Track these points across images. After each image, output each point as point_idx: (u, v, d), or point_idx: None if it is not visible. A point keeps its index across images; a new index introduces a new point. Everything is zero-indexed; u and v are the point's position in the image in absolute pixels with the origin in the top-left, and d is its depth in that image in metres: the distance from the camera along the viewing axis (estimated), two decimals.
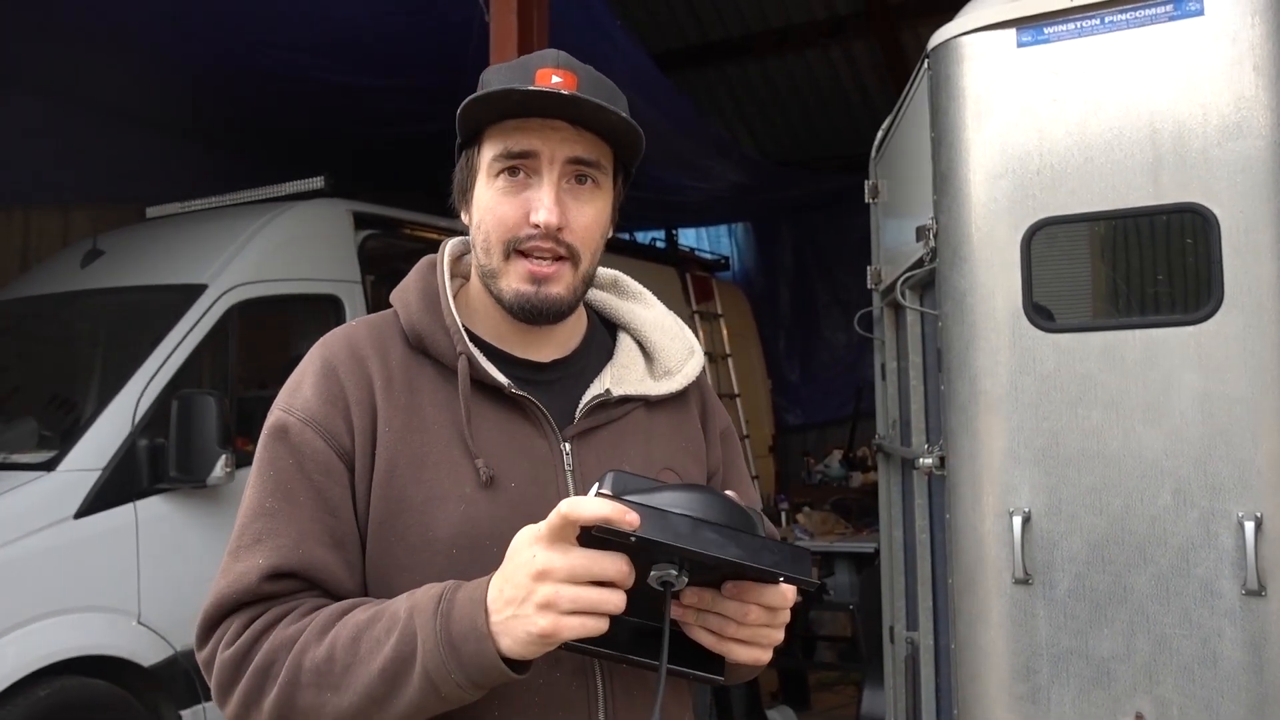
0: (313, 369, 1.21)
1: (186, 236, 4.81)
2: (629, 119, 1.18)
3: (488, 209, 1.20)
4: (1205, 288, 2.41)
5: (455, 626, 1.00)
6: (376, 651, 1.03)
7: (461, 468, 1.17)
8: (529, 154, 1.18)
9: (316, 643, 1.06)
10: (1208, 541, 2.35)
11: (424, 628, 1.02)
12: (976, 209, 2.61)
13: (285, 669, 1.06)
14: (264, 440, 1.19)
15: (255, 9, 4.74)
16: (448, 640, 1.00)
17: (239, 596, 1.11)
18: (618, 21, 5.38)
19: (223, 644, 1.10)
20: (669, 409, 1.33)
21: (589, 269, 1.24)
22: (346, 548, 1.15)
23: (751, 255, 10.96)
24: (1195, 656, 2.36)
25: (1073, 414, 2.48)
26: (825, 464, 8.56)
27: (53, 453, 3.86)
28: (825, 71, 9.66)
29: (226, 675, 1.09)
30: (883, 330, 4.00)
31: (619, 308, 1.39)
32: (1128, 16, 2.48)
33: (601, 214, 1.23)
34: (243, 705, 1.09)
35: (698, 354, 1.38)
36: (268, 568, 1.11)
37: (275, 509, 1.14)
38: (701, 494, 1.00)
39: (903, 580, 3.72)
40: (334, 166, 5.08)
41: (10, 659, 3.42)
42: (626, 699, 1.17)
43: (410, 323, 1.24)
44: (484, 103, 1.17)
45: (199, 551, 3.95)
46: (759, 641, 1.05)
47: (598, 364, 1.31)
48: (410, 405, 1.19)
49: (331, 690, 1.04)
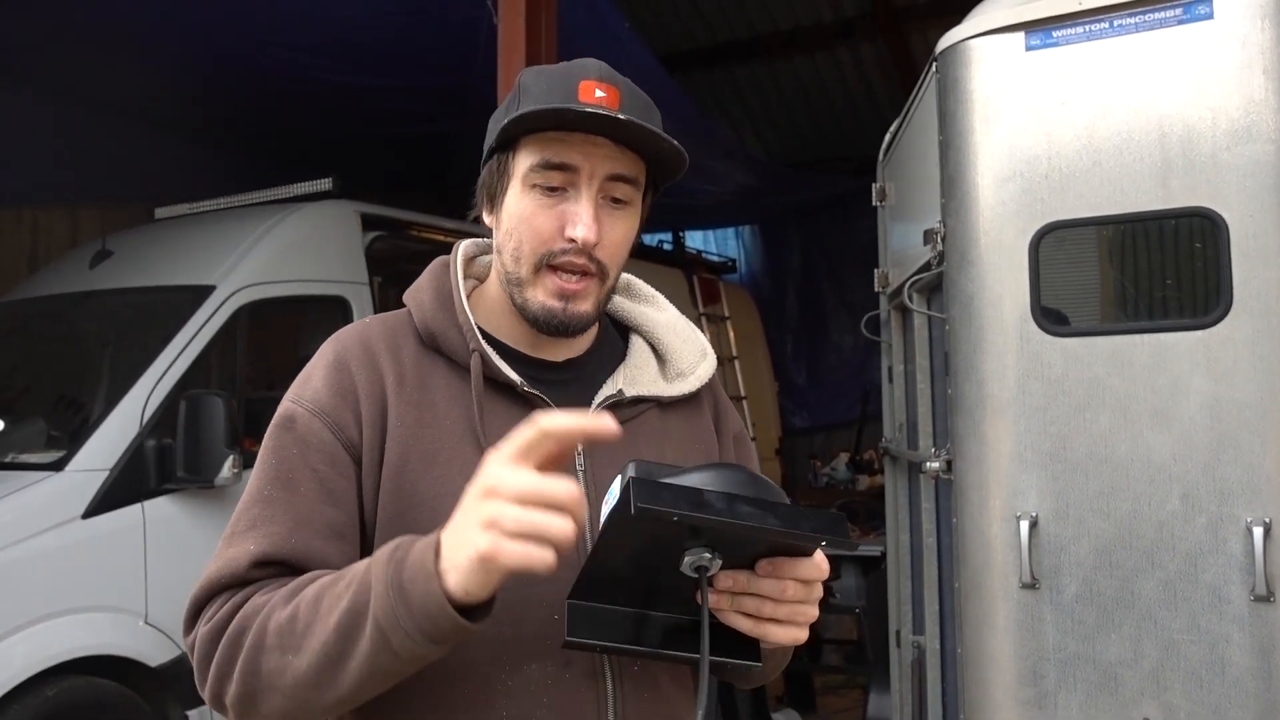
0: (324, 362, 1.22)
1: (195, 237, 4.83)
2: (676, 144, 1.17)
3: (522, 219, 1.19)
4: (1214, 292, 2.40)
5: (407, 570, 0.95)
6: (335, 607, 0.99)
7: (473, 464, 1.15)
8: (569, 167, 1.17)
9: (283, 606, 1.03)
10: (1216, 547, 2.35)
11: (378, 575, 0.97)
12: (984, 212, 2.61)
13: (252, 634, 1.04)
14: (271, 429, 1.19)
15: (259, 10, 4.76)
16: (397, 583, 0.95)
17: (226, 581, 1.10)
18: (626, 24, 5.39)
19: (202, 621, 1.09)
20: (682, 411, 1.33)
21: (614, 284, 1.24)
22: (345, 539, 1.14)
23: (758, 258, 10.96)
24: (1203, 662, 2.35)
25: (1080, 418, 2.48)
26: (832, 467, 8.56)
27: (61, 453, 3.88)
28: (833, 74, 9.65)
29: (204, 650, 1.08)
30: (890, 333, 4.00)
31: (631, 310, 1.39)
32: (1136, 20, 2.48)
33: (632, 230, 1.24)
34: (217, 679, 1.06)
35: (710, 357, 1.37)
36: (258, 554, 1.10)
37: (273, 496, 1.13)
38: (728, 470, 0.99)
39: (909, 584, 3.72)
40: (341, 168, 5.09)
41: (19, 658, 3.43)
42: (637, 702, 1.17)
43: (423, 320, 1.24)
44: (533, 120, 1.15)
45: (206, 552, 3.90)
46: (796, 619, 1.04)
47: (610, 365, 1.31)
48: (422, 402, 1.19)
49: (293, 652, 1.01)
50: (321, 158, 5.79)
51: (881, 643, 4.35)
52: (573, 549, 0.94)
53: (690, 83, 8.90)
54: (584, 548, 1.12)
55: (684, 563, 0.96)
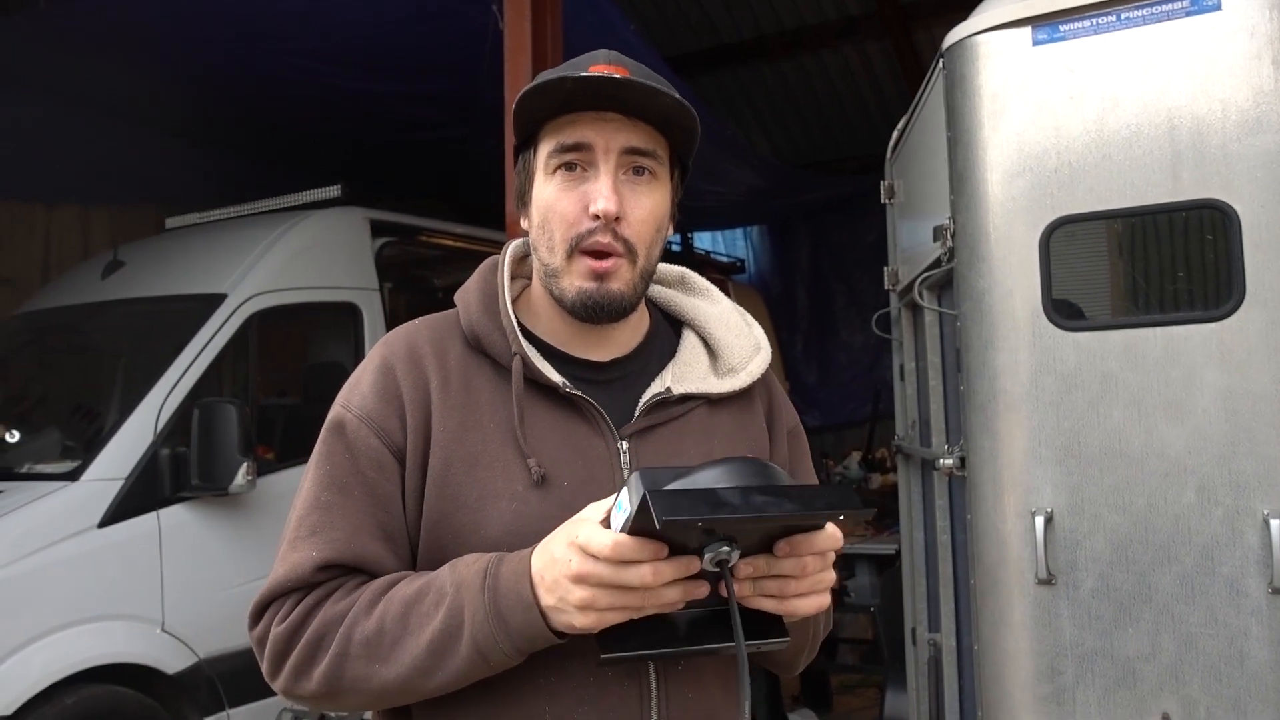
0: (372, 366, 1.24)
1: (205, 246, 4.85)
2: (680, 99, 1.17)
3: (548, 206, 1.20)
4: (1226, 284, 2.39)
5: (503, 600, 1.05)
6: (424, 625, 1.08)
7: (514, 467, 1.18)
8: (583, 146, 1.18)
9: (365, 616, 1.11)
10: (1233, 540, 2.33)
11: (471, 601, 1.06)
12: (994, 208, 2.60)
13: (335, 642, 1.11)
14: (323, 434, 1.22)
15: (268, 18, 4.78)
16: (496, 612, 1.05)
17: (293, 584, 1.16)
18: (631, 25, 5.39)
19: (276, 619, 1.15)
20: (733, 407, 1.32)
21: (647, 265, 1.23)
22: (396, 541, 1.19)
23: (768, 258, 10.94)
24: (1222, 656, 2.34)
25: (1094, 413, 2.47)
26: (844, 466, 8.53)
27: (76, 463, 3.90)
28: (839, 72, 9.64)
29: (279, 648, 1.15)
30: (901, 331, 3.99)
31: (684, 304, 1.38)
32: (1144, 12, 2.47)
33: (660, 206, 1.22)
34: (292, 676, 1.14)
35: (764, 350, 1.36)
36: (321, 560, 1.15)
37: (330, 502, 1.18)
38: (732, 463, 1.01)
39: (924, 582, 3.71)
40: (350, 174, 5.11)
41: (37, 667, 3.46)
42: (681, 699, 1.17)
43: (469, 322, 1.25)
44: (538, 94, 1.17)
45: (221, 559, 3.98)
46: (817, 589, 1.08)
47: (660, 362, 1.30)
48: (466, 404, 1.21)
49: (380, 662, 1.09)
50: (330, 164, 5.81)
51: (897, 641, 4.34)
52: None
53: (696, 85, 8.89)
54: None
55: (704, 559, 0.98)
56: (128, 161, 5.99)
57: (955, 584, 3.17)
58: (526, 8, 3.92)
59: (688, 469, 1.00)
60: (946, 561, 3.22)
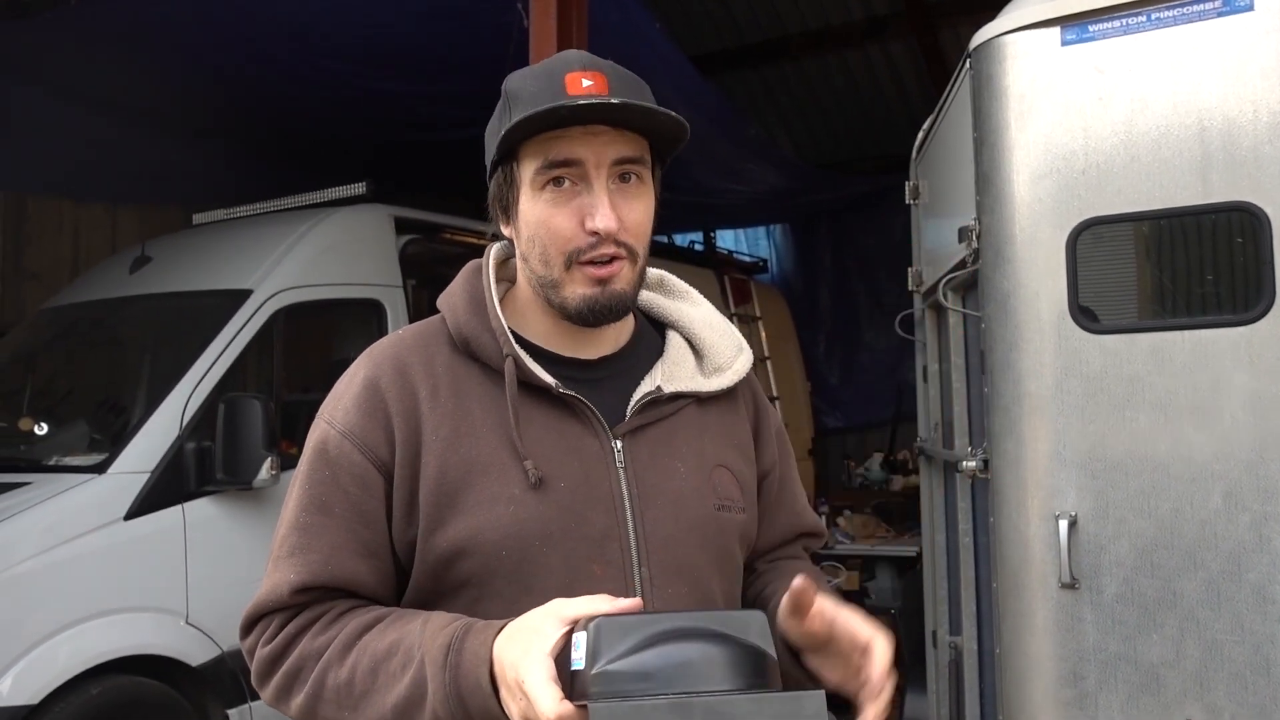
0: (355, 381, 1.23)
1: (232, 243, 4.89)
2: (676, 116, 1.17)
3: (540, 223, 1.19)
4: (1256, 287, 2.36)
5: (463, 682, 1.04)
6: (391, 686, 1.09)
7: (510, 470, 1.17)
8: (573, 162, 1.17)
9: (339, 663, 1.13)
10: (1260, 546, 2.31)
11: (434, 678, 1.06)
12: (1020, 209, 2.58)
13: (311, 681, 1.15)
14: (306, 451, 1.23)
15: (293, 18, 4.80)
16: (456, 693, 1.04)
17: (272, 605, 1.19)
18: (656, 24, 5.38)
19: (261, 641, 1.19)
20: (719, 407, 1.33)
21: (644, 264, 1.25)
22: (379, 557, 1.19)
23: (790, 257, 10.90)
24: (1247, 663, 2.31)
25: (1120, 416, 2.45)
26: (866, 467, 8.49)
27: (103, 455, 3.94)
28: (864, 72, 9.59)
29: (263, 668, 1.19)
30: (924, 332, 3.97)
31: (666, 306, 1.38)
32: (1175, 13, 2.44)
33: (650, 208, 1.23)
34: (274, 698, 1.19)
35: (746, 351, 1.37)
36: (298, 583, 1.17)
37: (308, 523, 1.18)
38: (699, 646, 0.92)
39: (945, 584, 3.69)
40: (375, 172, 5.13)
41: (63, 658, 3.49)
42: None
43: (457, 327, 1.25)
44: (530, 124, 1.15)
45: (245, 552, 4.01)
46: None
47: (648, 362, 1.31)
48: (458, 410, 1.20)
49: (350, 711, 1.12)
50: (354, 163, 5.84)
51: (918, 643, 4.32)
52: (620, 578, 1.09)
53: (720, 84, 8.87)
54: (630, 567, 1.17)
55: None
56: (155, 161, 6.05)
57: (977, 587, 3.15)
58: (552, 6, 3.92)
59: (653, 630, 0.92)
60: (968, 564, 3.20)
